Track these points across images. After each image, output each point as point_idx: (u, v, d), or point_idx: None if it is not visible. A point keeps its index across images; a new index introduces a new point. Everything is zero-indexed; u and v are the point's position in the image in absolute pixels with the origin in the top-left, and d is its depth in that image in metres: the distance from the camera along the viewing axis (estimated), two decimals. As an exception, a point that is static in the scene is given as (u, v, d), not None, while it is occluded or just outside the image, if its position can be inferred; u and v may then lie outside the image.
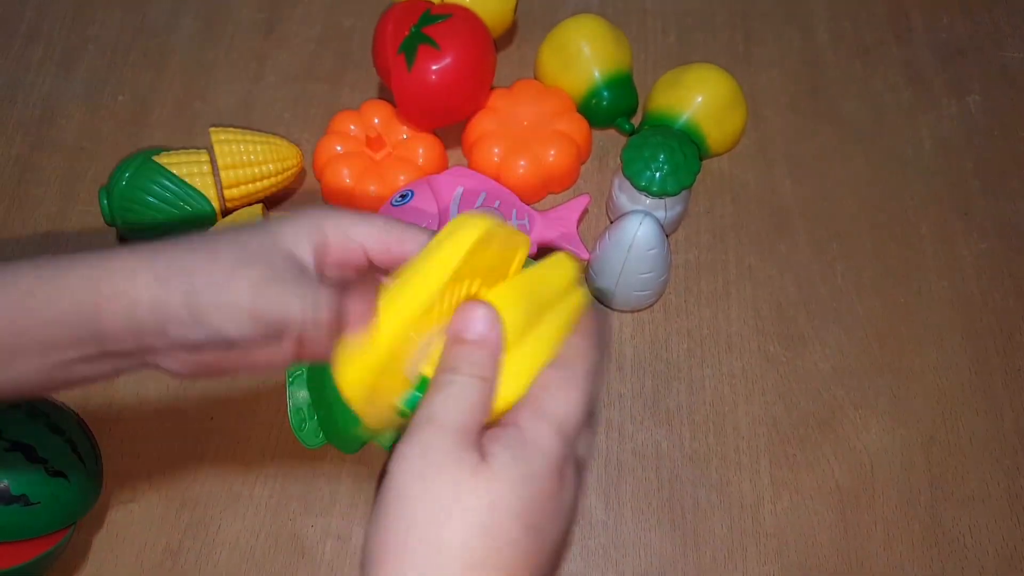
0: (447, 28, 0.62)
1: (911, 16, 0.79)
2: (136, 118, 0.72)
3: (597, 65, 0.68)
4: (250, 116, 0.72)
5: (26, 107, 0.72)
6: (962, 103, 0.74)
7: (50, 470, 0.48)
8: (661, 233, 0.57)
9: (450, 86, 0.63)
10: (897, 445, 0.59)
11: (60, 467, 0.48)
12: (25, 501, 0.47)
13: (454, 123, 0.68)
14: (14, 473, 0.47)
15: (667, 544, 0.56)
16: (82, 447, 0.50)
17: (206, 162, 0.62)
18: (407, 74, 0.62)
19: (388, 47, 0.63)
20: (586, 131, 0.68)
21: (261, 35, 0.77)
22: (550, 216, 0.64)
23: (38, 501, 0.47)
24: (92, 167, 0.69)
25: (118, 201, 0.60)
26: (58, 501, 0.48)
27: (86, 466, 0.50)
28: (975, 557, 0.55)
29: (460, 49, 0.62)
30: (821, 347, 0.62)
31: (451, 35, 0.62)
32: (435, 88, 0.62)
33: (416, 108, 0.64)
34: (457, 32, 0.62)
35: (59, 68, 0.74)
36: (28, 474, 0.47)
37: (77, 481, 0.49)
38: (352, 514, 0.56)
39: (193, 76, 0.74)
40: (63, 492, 0.48)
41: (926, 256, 0.66)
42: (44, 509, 0.47)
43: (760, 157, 0.71)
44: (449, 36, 0.62)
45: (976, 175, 0.70)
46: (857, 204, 0.69)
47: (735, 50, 0.76)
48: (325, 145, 0.67)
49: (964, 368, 0.62)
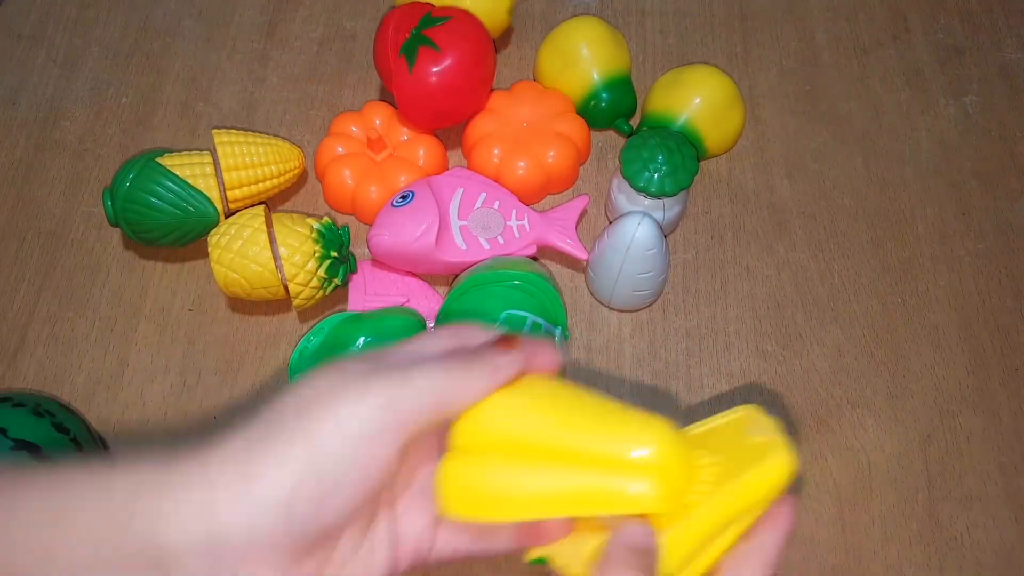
0: (447, 30, 0.62)
1: (909, 17, 0.79)
2: (139, 120, 0.72)
3: (596, 67, 0.68)
4: (252, 117, 0.72)
5: (30, 109, 0.73)
6: (960, 103, 0.74)
7: (55, 469, 0.48)
8: (659, 233, 0.58)
9: (450, 88, 0.63)
10: (895, 444, 0.59)
11: (65, 466, 0.49)
12: (30, 500, 0.47)
13: (454, 124, 0.69)
14: (19, 472, 0.47)
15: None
16: (87, 447, 0.51)
17: (209, 163, 0.62)
18: (408, 76, 0.62)
19: (389, 49, 0.63)
20: (585, 132, 0.69)
21: (263, 37, 0.77)
22: (549, 217, 0.64)
23: (43, 500, 0.48)
24: (96, 169, 0.70)
25: (122, 203, 0.60)
26: (63, 500, 0.49)
27: (90, 465, 0.51)
28: (973, 556, 0.56)
29: (460, 51, 0.62)
30: (819, 347, 0.63)
31: (451, 37, 0.62)
32: (435, 90, 0.63)
33: (417, 110, 0.64)
34: (457, 34, 0.63)
35: (62, 70, 0.75)
36: (33, 473, 0.48)
37: (81, 480, 0.50)
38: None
39: (196, 78, 0.75)
40: (68, 491, 0.49)
41: (924, 256, 0.67)
42: (49, 508, 0.48)
43: (758, 158, 0.71)
44: (449, 38, 0.62)
45: (974, 175, 0.70)
46: (855, 204, 0.69)
47: (733, 51, 0.77)
48: (326, 146, 0.67)
49: (962, 367, 0.62)
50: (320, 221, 0.60)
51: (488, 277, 0.58)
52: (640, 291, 0.61)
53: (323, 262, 0.58)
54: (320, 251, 0.58)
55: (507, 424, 0.32)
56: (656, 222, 0.58)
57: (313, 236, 0.59)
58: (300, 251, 0.58)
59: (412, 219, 0.59)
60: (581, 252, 0.63)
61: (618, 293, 0.61)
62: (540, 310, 0.57)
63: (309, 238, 0.58)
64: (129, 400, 0.60)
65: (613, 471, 0.30)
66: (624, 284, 0.60)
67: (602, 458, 0.30)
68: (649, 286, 0.61)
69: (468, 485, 0.31)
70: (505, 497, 0.30)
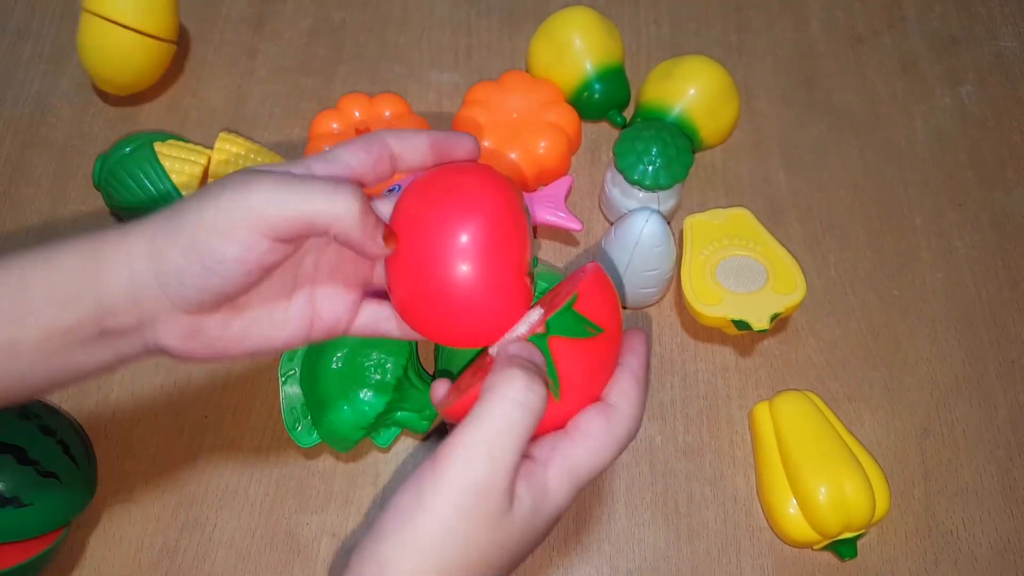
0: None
1: (904, 5, 0.78)
2: (127, 115, 0.71)
3: (589, 57, 0.67)
4: (241, 110, 0.72)
5: (16, 105, 0.72)
6: (956, 93, 0.74)
7: (41, 471, 0.48)
8: (667, 230, 0.57)
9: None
10: (891, 437, 0.59)
11: (52, 468, 0.48)
12: (17, 503, 0.47)
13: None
14: (6, 475, 0.47)
15: (660, 538, 0.56)
16: (74, 448, 0.50)
17: (202, 163, 0.62)
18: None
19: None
20: (576, 121, 0.68)
21: (252, 29, 0.76)
22: (537, 195, 0.64)
23: (31, 503, 0.47)
24: (83, 165, 0.69)
25: (107, 172, 0.62)
26: (51, 502, 0.48)
27: (78, 466, 0.50)
28: (968, 549, 0.55)
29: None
30: (815, 340, 0.62)
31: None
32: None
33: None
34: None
35: (49, 65, 0.74)
36: (20, 476, 0.47)
37: (69, 482, 0.49)
38: (346, 511, 0.56)
39: (184, 71, 0.74)
40: (55, 493, 0.48)
41: (920, 248, 0.66)
42: (37, 510, 0.47)
43: (753, 149, 0.70)
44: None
45: (970, 166, 0.70)
46: (851, 196, 0.68)
47: (728, 41, 0.76)
48: (312, 152, 0.66)
49: (958, 360, 0.62)
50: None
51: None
52: (647, 288, 0.60)
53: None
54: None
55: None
56: (664, 219, 0.57)
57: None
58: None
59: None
60: (575, 223, 0.62)
61: (625, 291, 0.60)
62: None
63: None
64: (120, 401, 0.59)
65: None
66: (631, 282, 0.59)
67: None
68: (656, 283, 0.60)
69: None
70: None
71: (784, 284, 0.58)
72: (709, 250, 0.61)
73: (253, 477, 0.57)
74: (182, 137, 0.65)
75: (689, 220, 0.63)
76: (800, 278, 0.58)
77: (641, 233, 0.56)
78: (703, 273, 0.59)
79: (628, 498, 0.57)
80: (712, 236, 0.62)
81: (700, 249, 0.61)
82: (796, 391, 0.58)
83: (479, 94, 0.68)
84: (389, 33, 0.76)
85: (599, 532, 0.56)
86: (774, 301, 0.57)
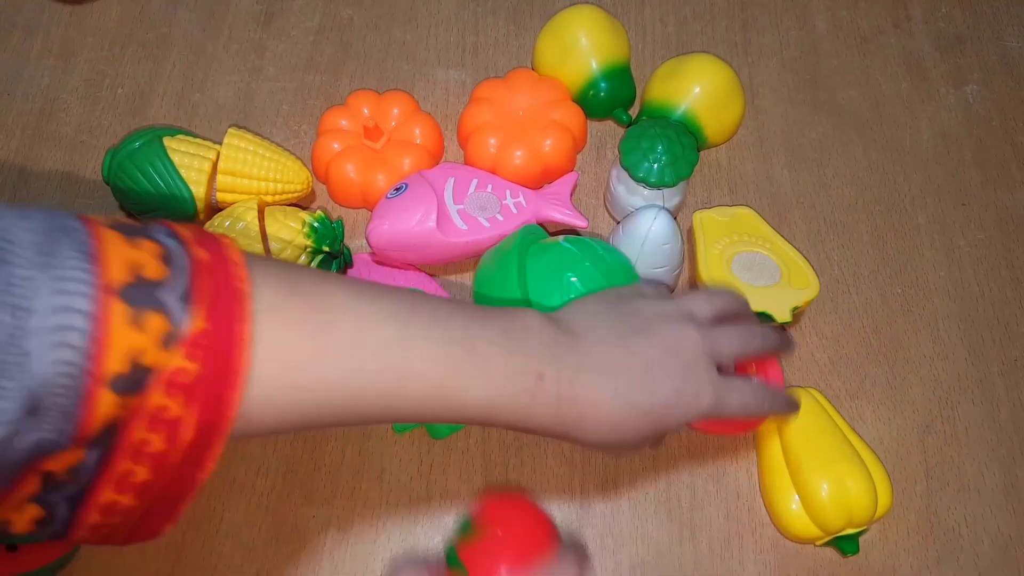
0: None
1: (910, 5, 0.78)
2: (135, 111, 0.72)
3: (595, 56, 0.68)
4: (249, 108, 0.72)
5: (25, 100, 0.72)
6: (961, 93, 0.74)
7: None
8: (675, 227, 0.58)
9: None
10: (893, 434, 0.59)
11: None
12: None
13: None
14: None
15: (663, 533, 0.56)
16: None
17: (211, 159, 0.62)
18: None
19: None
20: (581, 119, 0.68)
21: (260, 26, 0.76)
22: (543, 192, 0.64)
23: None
24: (92, 160, 0.69)
25: (116, 166, 0.63)
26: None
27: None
28: (970, 547, 0.56)
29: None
30: (818, 337, 0.63)
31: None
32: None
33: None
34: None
35: (58, 61, 0.74)
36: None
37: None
38: (352, 505, 0.57)
39: (192, 68, 0.74)
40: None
41: (924, 246, 0.67)
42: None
43: (758, 147, 0.71)
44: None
45: (975, 165, 0.70)
46: (855, 194, 0.69)
47: (733, 40, 0.76)
48: (322, 146, 0.66)
49: (961, 358, 0.62)
50: (313, 215, 0.60)
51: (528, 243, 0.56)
52: (656, 286, 0.61)
53: (314, 257, 0.58)
54: (311, 246, 0.58)
55: None
56: (672, 216, 0.57)
57: (305, 231, 0.58)
58: (291, 246, 0.57)
59: (410, 206, 0.59)
60: (580, 220, 0.63)
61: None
62: (603, 270, 0.54)
63: (300, 233, 0.58)
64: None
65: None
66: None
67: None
68: (664, 281, 0.60)
69: None
70: None
71: (798, 279, 0.59)
72: (722, 244, 0.61)
73: (259, 470, 0.58)
74: (192, 132, 0.65)
75: (698, 215, 0.63)
76: (812, 274, 0.59)
77: (649, 230, 0.57)
78: (720, 266, 0.60)
79: (631, 493, 0.57)
80: (722, 232, 0.62)
81: (714, 243, 0.61)
82: (799, 388, 0.58)
83: (485, 92, 0.68)
84: (396, 31, 0.76)
85: (602, 527, 0.56)
86: (792, 295, 0.58)
